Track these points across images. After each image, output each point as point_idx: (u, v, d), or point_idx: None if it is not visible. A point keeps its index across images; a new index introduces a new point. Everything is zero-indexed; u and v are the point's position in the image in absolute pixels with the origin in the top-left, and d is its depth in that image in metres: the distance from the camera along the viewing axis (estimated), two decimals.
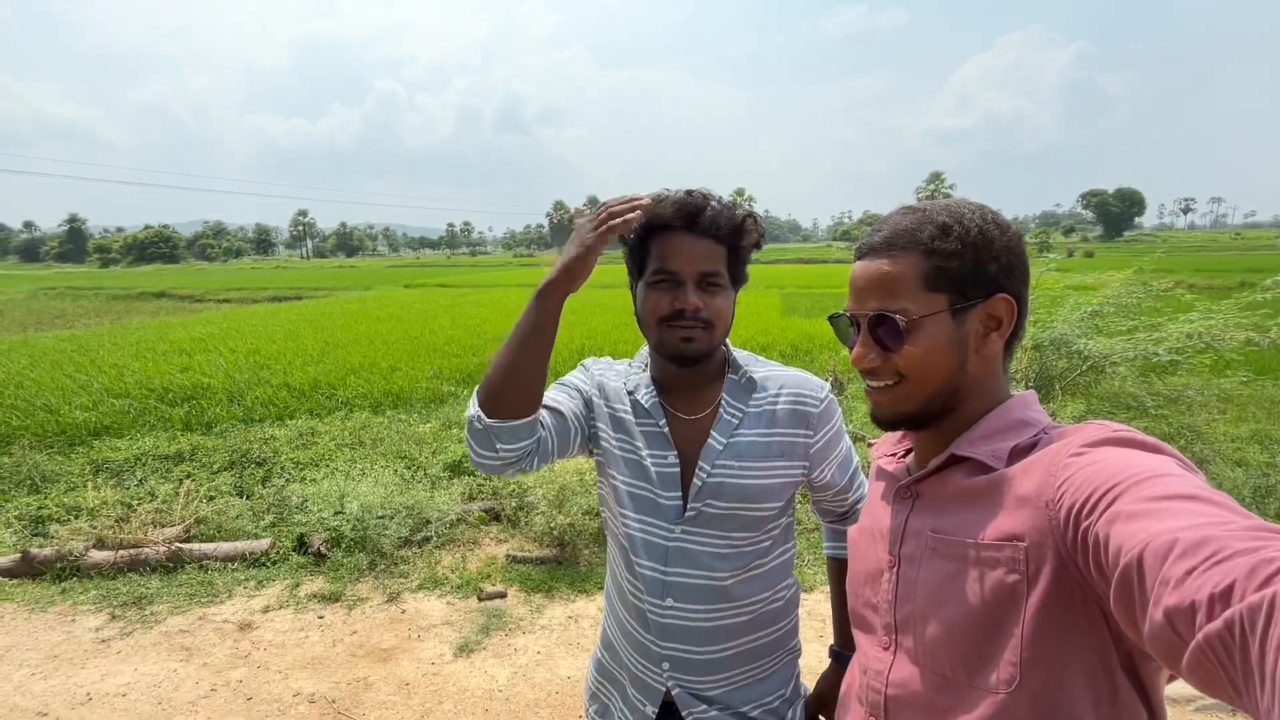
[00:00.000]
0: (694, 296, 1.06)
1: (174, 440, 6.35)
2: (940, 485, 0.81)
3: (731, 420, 1.13)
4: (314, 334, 13.14)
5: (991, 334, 0.80)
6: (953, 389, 0.80)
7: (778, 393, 1.15)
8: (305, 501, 4.57)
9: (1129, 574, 0.52)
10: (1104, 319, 5.12)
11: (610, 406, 1.20)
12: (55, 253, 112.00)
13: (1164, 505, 0.54)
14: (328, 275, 45.91)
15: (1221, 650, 0.43)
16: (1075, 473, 0.65)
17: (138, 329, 15.50)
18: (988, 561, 0.71)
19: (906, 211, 0.82)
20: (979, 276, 0.78)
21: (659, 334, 1.09)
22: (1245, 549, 0.45)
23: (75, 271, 62.16)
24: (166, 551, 3.85)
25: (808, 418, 1.13)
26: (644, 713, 1.18)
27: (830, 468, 1.18)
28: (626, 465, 1.16)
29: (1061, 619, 0.66)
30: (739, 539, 1.12)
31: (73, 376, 8.91)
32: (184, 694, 2.72)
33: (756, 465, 1.11)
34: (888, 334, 0.79)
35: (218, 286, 33.21)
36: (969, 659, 0.72)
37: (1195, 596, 0.45)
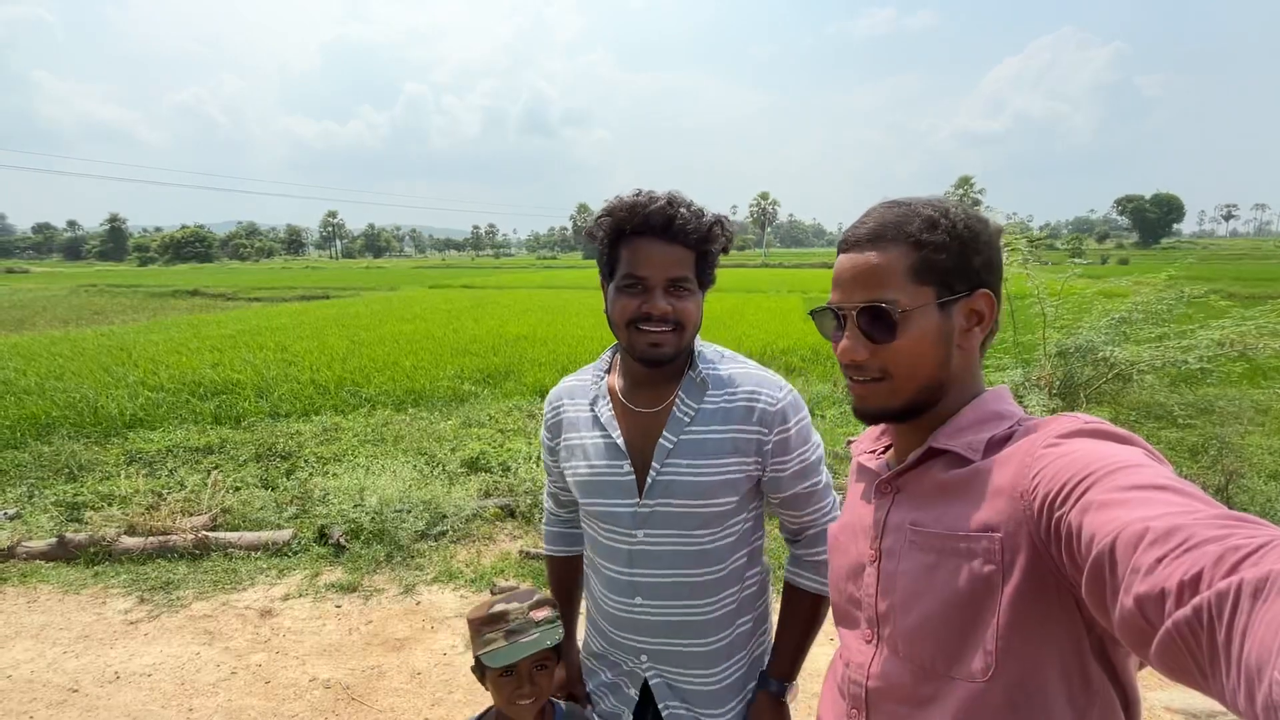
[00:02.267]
0: (663, 301, 1.08)
1: (204, 433, 6.54)
2: (919, 479, 0.82)
3: (683, 418, 1.14)
4: (340, 333, 13.40)
5: (974, 328, 0.81)
6: (937, 383, 0.80)
7: (735, 390, 1.15)
8: (327, 494, 4.67)
9: (1100, 562, 0.53)
10: (1132, 326, 5.01)
11: (567, 439, 1.25)
12: (96, 251, 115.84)
13: (1135, 495, 0.55)
14: (355, 275, 46.76)
15: (1190, 636, 0.44)
16: (1049, 464, 0.65)
17: (172, 325, 15.97)
18: (964, 552, 0.72)
19: (891, 205, 0.82)
20: (964, 271, 0.79)
21: (628, 336, 1.12)
22: (1213, 537, 0.46)
23: (115, 270, 64.27)
24: (194, 539, 3.98)
25: (762, 415, 1.13)
26: (627, 694, 1.24)
27: (785, 470, 1.15)
28: (587, 485, 1.20)
29: (1036, 608, 0.67)
30: (702, 536, 1.13)
31: (110, 370, 9.23)
32: (206, 676, 2.80)
33: (708, 461, 1.12)
34: (878, 326, 0.78)
35: (249, 285, 34.02)
36: (947, 649, 0.73)
37: (1165, 584, 0.46)
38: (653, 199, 1.09)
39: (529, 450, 5.55)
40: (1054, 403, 4.76)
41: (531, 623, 1.17)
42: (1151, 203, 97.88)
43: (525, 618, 1.17)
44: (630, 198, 1.10)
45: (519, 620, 1.16)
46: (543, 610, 1.19)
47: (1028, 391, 4.81)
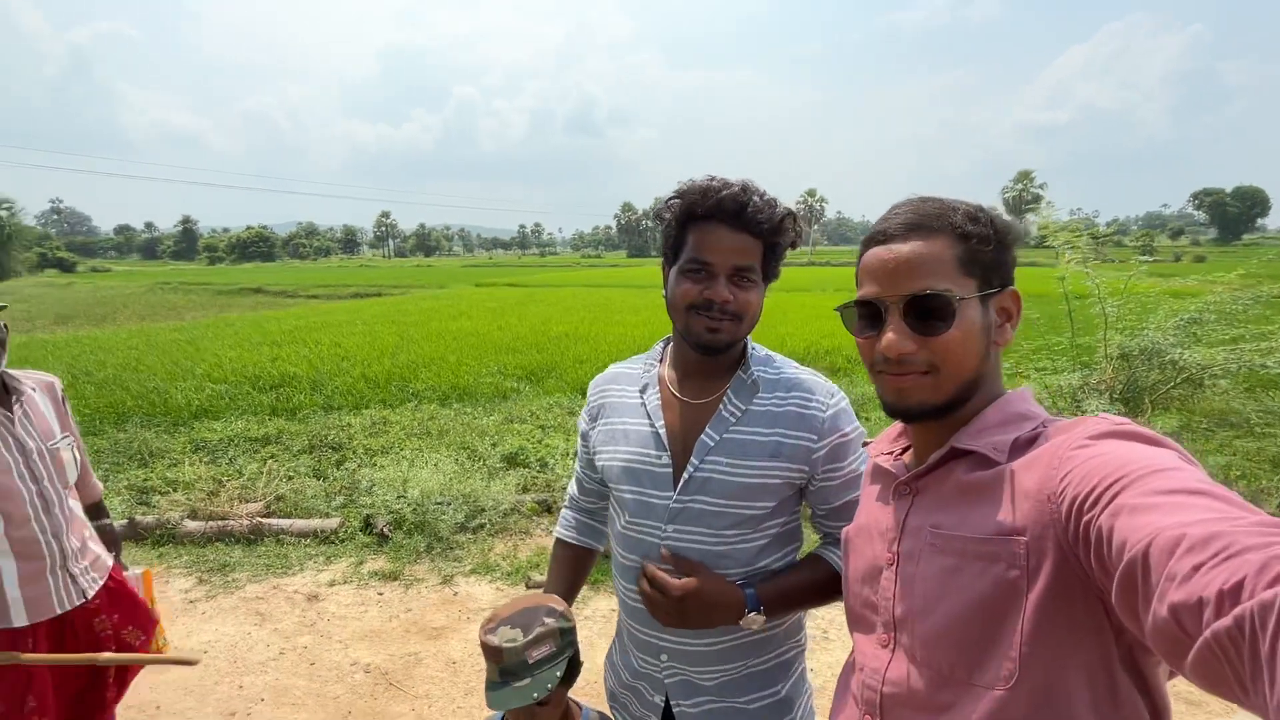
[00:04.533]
0: (725, 289, 1.06)
1: (263, 424, 6.85)
2: (940, 481, 0.79)
3: (729, 417, 1.11)
4: (391, 329, 13.83)
5: (1006, 325, 0.80)
6: (976, 378, 0.78)
7: (786, 395, 1.12)
8: (373, 485, 4.84)
9: (1133, 568, 0.51)
10: (1204, 327, 4.69)
11: (609, 423, 1.23)
12: (170, 251, 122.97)
13: (1169, 499, 0.52)
14: (406, 274, 48.17)
15: (1230, 647, 0.42)
16: (1078, 465, 0.63)
17: (236, 321, 16.81)
18: (987, 556, 0.70)
19: (923, 199, 0.81)
20: (1000, 266, 0.79)
21: (686, 320, 1.09)
22: (1255, 545, 0.44)
23: (186, 268, 68.09)
24: (249, 525, 4.18)
25: (812, 421, 1.10)
26: (651, 701, 1.20)
27: (836, 479, 1.11)
28: (624, 471, 1.17)
29: (1062, 614, 0.65)
30: (731, 536, 1.10)
31: (179, 363, 9.78)
32: (256, 655, 2.94)
33: (748, 463, 1.09)
34: (932, 317, 0.75)
35: (308, 283, 35.48)
36: (968, 655, 0.71)
37: (1203, 593, 0.44)
38: (727, 184, 1.06)
39: (567, 446, 5.61)
40: (1115, 408, 4.51)
41: (525, 665, 1.09)
42: (1232, 196, 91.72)
43: (520, 658, 1.09)
44: (704, 181, 1.08)
45: (512, 661, 1.09)
46: (542, 647, 1.11)
47: (1087, 396, 4.58)
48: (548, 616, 1.14)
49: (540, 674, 1.09)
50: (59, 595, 1.82)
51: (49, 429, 1.88)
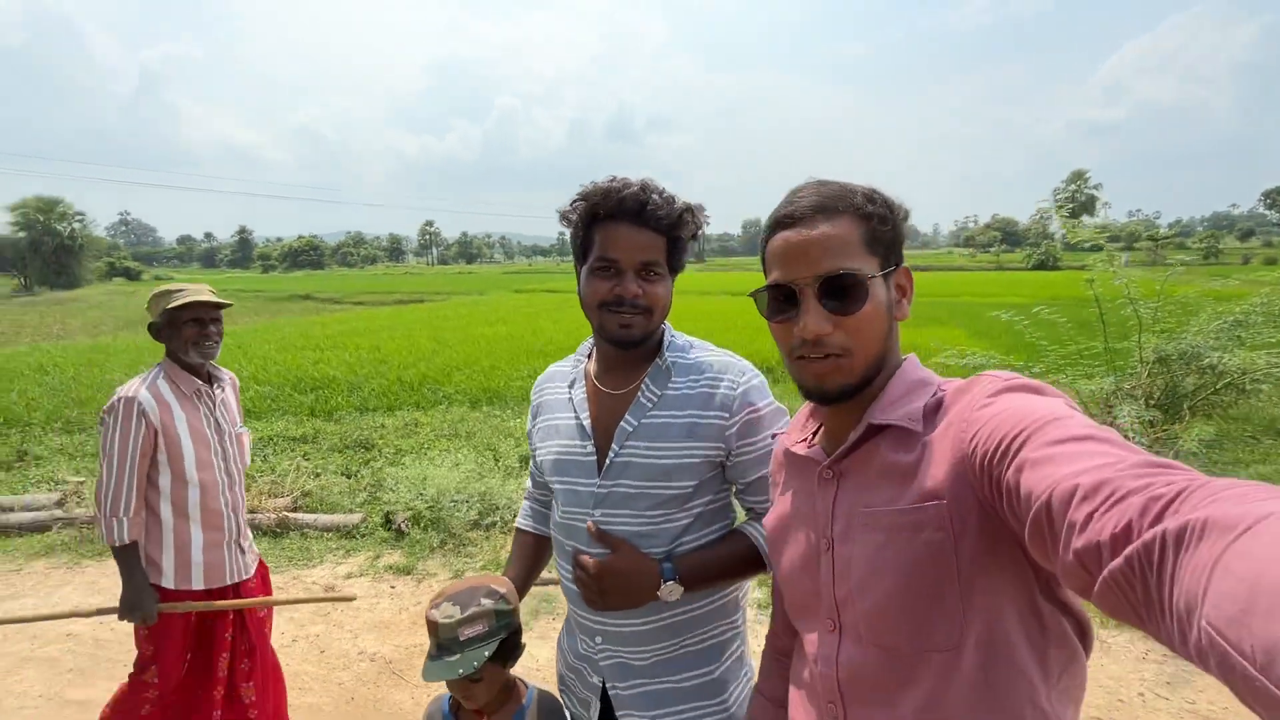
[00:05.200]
0: (634, 285, 1.11)
1: (301, 424, 7.13)
2: (865, 461, 0.81)
3: (646, 404, 1.16)
4: (428, 334, 14.19)
5: (903, 300, 0.84)
6: (882, 354, 0.80)
7: (698, 377, 1.16)
8: (397, 483, 4.99)
9: (1039, 517, 0.56)
10: (1249, 330, 4.44)
11: (545, 420, 1.29)
12: (227, 259, 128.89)
13: (1063, 449, 0.57)
14: (448, 281, 49.34)
15: (1125, 583, 0.47)
16: (983, 424, 0.67)
17: (285, 326, 17.51)
18: (913, 525, 0.72)
19: (822, 183, 0.83)
20: (895, 244, 0.82)
21: (599, 317, 1.14)
22: (1136, 488, 0.49)
23: (242, 276, 71.21)
24: (276, 519, 4.36)
25: (723, 400, 1.13)
26: (591, 683, 1.23)
27: (751, 453, 1.14)
28: (555, 464, 1.23)
29: (990, 564, 0.69)
30: (656, 516, 1.13)
31: (227, 366, 10.22)
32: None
33: (666, 445, 1.13)
34: (846, 297, 0.76)
35: (354, 290, 36.73)
36: (912, 624, 0.73)
37: (1099, 538, 0.49)
38: (627, 184, 1.11)
39: None
40: (1151, 414, 4.31)
41: (456, 641, 1.13)
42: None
43: (453, 634, 1.14)
44: (605, 183, 1.12)
45: (446, 636, 1.14)
46: (475, 626, 1.14)
47: (1120, 402, 4.38)
48: (486, 597, 1.18)
49: (469, 651, 1.13)
50: (231, 567, 2.11)
51: (234, 416, 2.20)
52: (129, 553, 1.94)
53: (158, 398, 1.97)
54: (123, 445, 1.92)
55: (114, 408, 1.94)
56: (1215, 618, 0.39)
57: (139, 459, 1.94)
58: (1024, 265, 50.81)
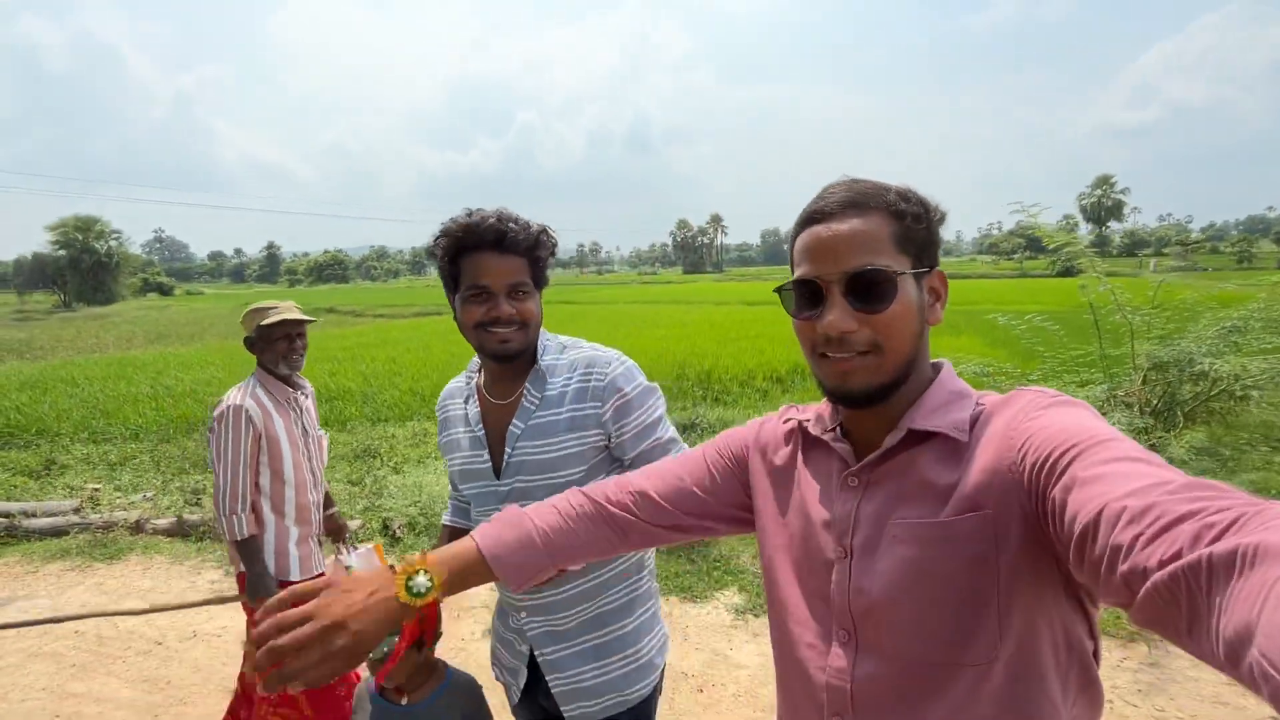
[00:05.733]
0: (507, 306, 1.23)
1: None
2: (901, 470, 0.76)
3: (530, 407, 1.29)
4: (444, 345, 14.41)
5: (936, 304, 0.80)
6: (914, 357, 0.77)
7: (571, 374, 1.29)
8: (397, 491, 5.13)
9: (1084, 537, 0.55)
10: (1246, 335, 4.37)
11: (448, 435, 1.41)
12: (256, 274, 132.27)
13: (1112, 469, 0.57)
14: None
15: (1170, 599, 0.47)
16: (1034, 435, 0.66)
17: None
18: (954, 537, 0.70)
19: (854, 180, 0.79)
20: (929, 245, 0.78)
21: (478, 338, 1.25)
22: (1187, 513, 0.48)
23: (269, 290, 73.02)
24: None
25: (594, 391, 1.26)
26: (519, 651, 1.36)
27: (627, 432, 1.26)
28: (460, 474, 1.37)
29: (1030, 578, 0.67)
30: None
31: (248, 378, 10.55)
32: None
33: (553, 440, 1.26)
34: (872, 293, 0.73)
35: (376, 303, 37.45)
36: (949, 638, 0.70)
37: (1147, 564, 0.49)
38: (485, 217, 1.22)
39: None
40: (1144, 421, 4.27)
41: None
42: None
43: None
44: (464, 218, 1.23)
45: None
46: None
47: (1113, 408, 4.34)
48: None
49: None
50: (317, 557, 2.31)
51: (314, 421, 2.40)
52: (250, 545, 2.13)
53: (259, 405, 2.16)
54: (235, 449, 2.10)
55: (224, 415, 2.11)
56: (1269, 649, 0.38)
57: (250, 460, 2.12)
58: (1049, 272, 49.95)
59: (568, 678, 1.30)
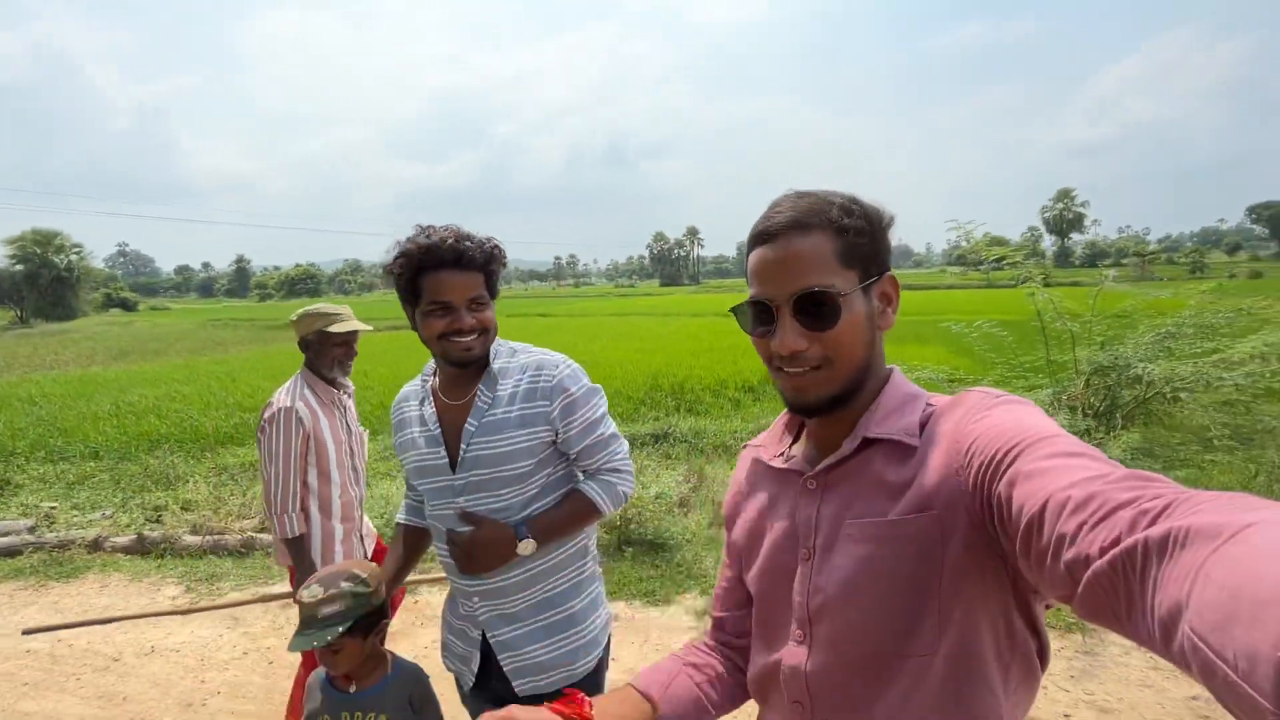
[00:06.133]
0: (469, 318, 1.32)
1: None
2: (858, 473, 0.80)
3: (483, 406, 1.38)
4: (420, 357, 14.18)
5: (888, 309, 0.82)
6: (867, 365, 0.80)
7: (521, 375, 1.39)
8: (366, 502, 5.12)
9: (1030, 529, 0.57)
10: (1180, 341, 4.62)
11: (404, 435, 1.49)
12: (224, 289, 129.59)
13: (1054, 463, 0.59)
14: None
15: (1108, 585, 0.49)
16: (978, 436, 0.69)
17: (277, 354, 17.64)
18: (903, 536, 0.73)
19: (799, 195, 0.81)
20: (876, 254, 0.80)
21: (442, 347, 1.35)
22: (1125, 501, 0.51)
23: (237, 305, 71.63)
24: (241, 539, 4.48)
25: (543, 390, 1.36)
26: (472, 637, 1.43)
27: (574, 428, 1.37)
28: (417, 470, 1.44)
29: (973, 574, 0.70)
30: (505, 494, 1.36)
31: (214, 394, 10.37)
32: (223, 654, 3.19)
33: (504, 436, 1.35)
34: (820, 312, 0.76)
35: None
36: (894, 630, 0.74)
37: (1089, 551, 0.51)
38: (443, 238, 1.30)
39: None
40: (1086, 423, 4.47)
41: (315, 618, 1.32)
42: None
43: (313, 612, 1.32)
44: (422, 239, 1.30)
45: (307, 614, 1.32)
46: (333, 605, 1.33)
47: (1057, 411, 4.54)
48: (345, 581, 1.36)
49: (324, 628, 1.30)
50: (355, 554, 2.35)
51: (355, 418, 2.46)
52: (300, 543, 2.17)
53: (307, 406, 2.21)
54: (286, 450, 2.14)
55: (275, 417, 2.15)
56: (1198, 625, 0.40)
57: (299, 461, 2.16)
58: (1013, 283, 51.23)
59: (519, 655, 1.38)
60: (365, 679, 1.44)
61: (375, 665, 1.46)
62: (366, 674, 1.44)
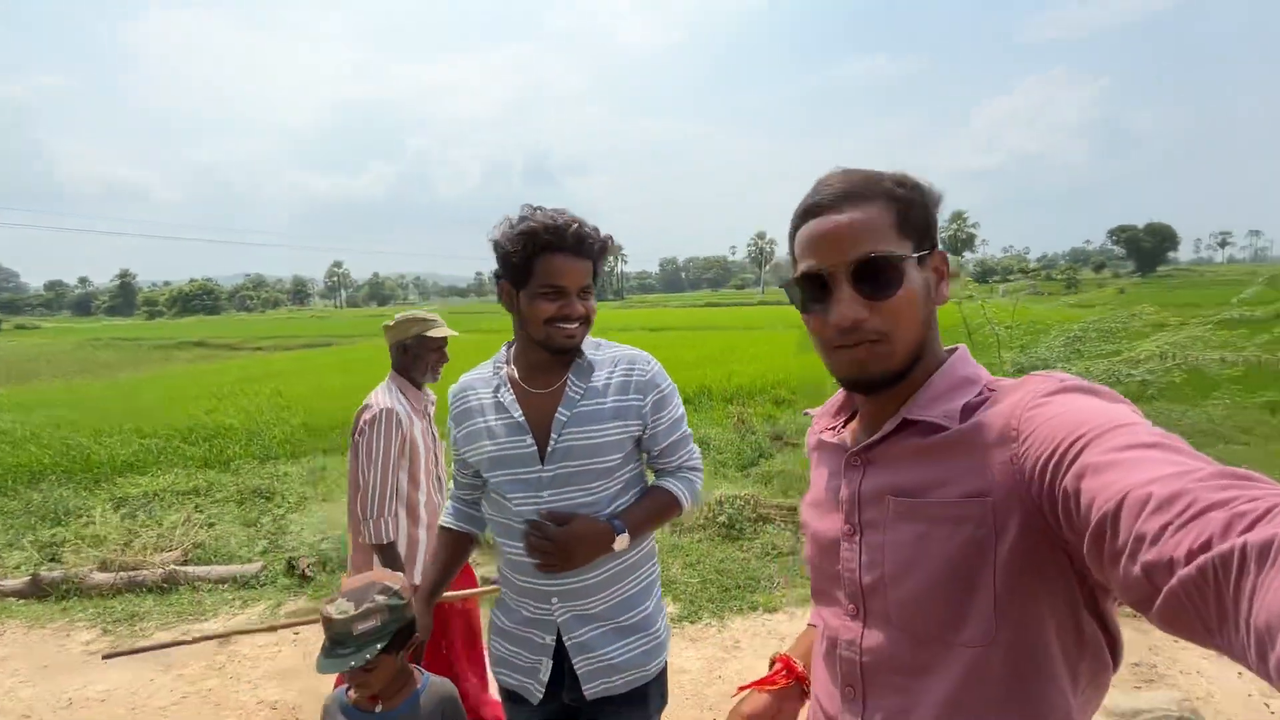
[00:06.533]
0: (579, 305, 1.31)
1: (192, 477, 6.63)
2: (894, 448, 0.79)
3: (575, 396, 1.35)
4: (339, 377, 13.56)
5: (941, 284, 0.81)
6: (922, 340, 0.78)
7: (614, 368, 1.38)
8: (301, 529, 4.77)
9: (1103, 526, 0.53)
10: (1086, 343, 5.11)
11: (473, 424, 1.40)
12: (105, 306, 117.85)
13: (1130, 455, 0.54)
14: (359, 323, 47.29)
15: (1196, 594, 0.45)
16: (1039, 425, 0.64)
17: (174, 375, 16.23)
18: (954, 519, 0.70)
19: (848, 171, 0.80)
20: (928, 227, 0.78)
21: (546, 332, 1.30)
22: (1217, 501, 0.46)
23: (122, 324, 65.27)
24: (162, 573, 4.05)
25: (638, 384, 1.37)
26: (543, 643, 1.36)
27: (661, 424, 1.38)
28: (493, 462, 1.36)
29: (1031, 568, 0.67)
30: (594, 487, 1.34)
31: (105, 419, 9.38)
32: (157, 700, 2.86)
33: (596, 427, 1.33)
34: (880, 281, 0.73)
35: (254, 335, 34.51)
36: (944, 616, 0.72)
37: (1174, 554, 0.46)
38: (568, 221, 1.27)
39: None
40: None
41: (350, 635, 1.22)
42: (1145, 232, 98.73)
43: (346, 629, 1.22)
44: (547, 220, 1.27)
45: (340, 631, 1.22)
46: (369, 621, 1.23)
47: None
48: (379, 594, 1.26)
49: (362, 647, 1.21)
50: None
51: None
52: (393, 550, 2.11)
53: (404, 409, 2.18)
54: (385, 451, 2.10)
55: (376, 419, 2.10)
56: None
57: (398, 464, 2.12)
58: None
59: (595, 657, 1.34)
60: (393, 698, 1.33)
61: (403, 682, 1.35)
62: (394, 692, 1.34)
